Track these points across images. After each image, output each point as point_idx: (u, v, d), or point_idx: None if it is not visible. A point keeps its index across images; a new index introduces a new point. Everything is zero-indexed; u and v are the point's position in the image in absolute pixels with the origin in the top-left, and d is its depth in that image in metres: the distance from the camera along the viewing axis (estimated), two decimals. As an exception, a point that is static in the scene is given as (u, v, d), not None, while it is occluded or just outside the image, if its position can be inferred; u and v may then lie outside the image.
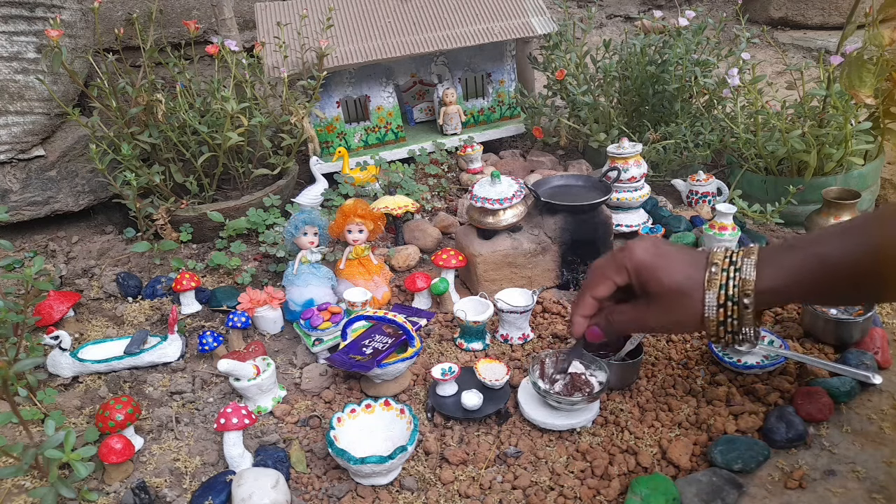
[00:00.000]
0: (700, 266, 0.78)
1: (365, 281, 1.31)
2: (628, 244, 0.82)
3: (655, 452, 0.93)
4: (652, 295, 0.79)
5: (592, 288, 0.84)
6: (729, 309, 0.75)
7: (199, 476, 0.96)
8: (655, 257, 0.79)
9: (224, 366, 1.01)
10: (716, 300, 0.76)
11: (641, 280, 0.80)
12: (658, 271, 0.78)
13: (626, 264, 0.80)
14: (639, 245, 0.81)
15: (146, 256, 1.57)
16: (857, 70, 1.34)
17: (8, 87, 1.58)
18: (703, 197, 1.58)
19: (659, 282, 0.78)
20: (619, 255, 0.82)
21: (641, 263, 0.79)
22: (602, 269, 0.84)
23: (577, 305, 0.86)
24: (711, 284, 0.76)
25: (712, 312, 0.76)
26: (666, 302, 0.79)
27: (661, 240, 0.83)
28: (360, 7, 1.89)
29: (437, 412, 1.03)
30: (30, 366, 0.89)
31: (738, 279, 0.75)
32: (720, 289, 0.75)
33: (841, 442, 0.90)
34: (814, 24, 2.88)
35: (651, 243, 0.81)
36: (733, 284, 0.75)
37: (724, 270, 0.76)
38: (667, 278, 0.78)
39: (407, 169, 1.74)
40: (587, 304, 0.85)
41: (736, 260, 0.76)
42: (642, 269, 0.79)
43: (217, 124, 1.58)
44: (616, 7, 3.24)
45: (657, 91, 1.77)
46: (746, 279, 0.74)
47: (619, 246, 0.85)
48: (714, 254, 0.78)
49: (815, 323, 1.11)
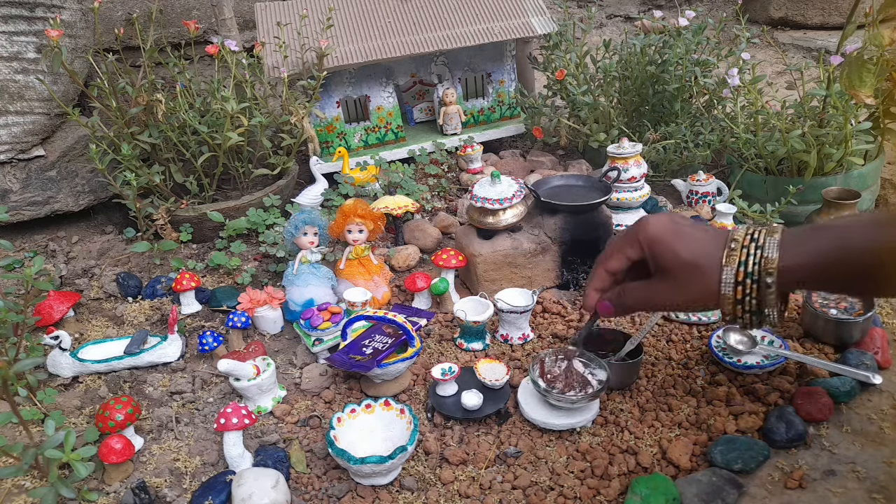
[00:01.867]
0: (719, 242, 0.75)
1: (365, 281, 1.31)
2: (644, 218, 0.80)
3: (655, 452, 0.93)
4: (665, 270, 0.77)
5: (605, 261, 0.83)
6: (747, 287, 0.73)
7: (199, 476, 0.96)
8: (670, 232, 0.77)
9: (224, 366, 1.01)
10: (733, 277, 0.73)
11: (655, 254, 0.78)
12: (673, 245, 0.76)
13: (640, 237, 0.78)
14: (654, 219, 0.79)
15: (146, 256, 1.57)
16: (857, 70, 1.34)
17: (8, 87, 1.58)
18: (703, 197, 1.58)
19: (674, 255, 0.76)
20: (634, 229, 0.80)
21: (655, 237, 0.77)
22: (616, 244, 0.82)
23: (591, 279, 0.85)
24: (730, 260, 0.74)
25: (729, 290, 0.74)
26: (680, 277, 0.76)
27: (678, 215, 0.81)
28: (360, 7, 1.89)
29: (437, 412, 1.03)
30: (30, 366, 0.89)
31: (760, 256, 0.72)
32: (739, 265, 0.73)
33: (841, 442, 0.90)
34: (814, 24, 2.88)
35: (668, 218, 0.79)
36: (754, 262, 0.73)
37: (744, 247, 0.74)
38: (682, 252, 0.76)
39: (407, 169, 1.74)
40: (600, 276, 0.84)
41: (758, 237, 0.74)
42: (656, 243, 0.77)
43: (217, 124, 1.58)
44: (616, 7, 3.24)
45: (657, 91, 1.77)
46: (769, 257, 0.72)
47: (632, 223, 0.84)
48: (735, 230, 0.76)
49: (815, 323, 1.11)
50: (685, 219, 0.80)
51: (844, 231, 0.71)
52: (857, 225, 0.71)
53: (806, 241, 0.72)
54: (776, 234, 0.74)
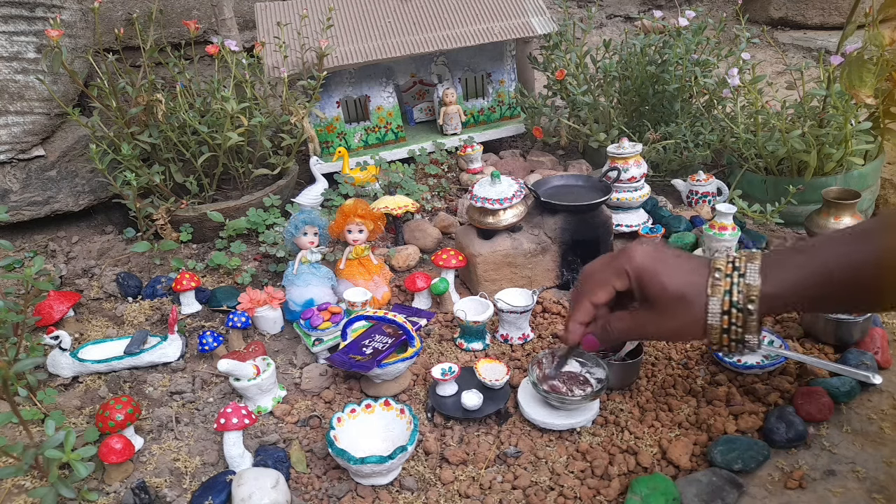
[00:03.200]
0: (702, 272, 0.76)
1: (365, 281, 1.31)
2: (626, 248, 0.80)
3: (655, 452, 0.93)
4: (652, 300, 0.77)
5: (591, 293, 0.81)
6: (733, 316, 0.73)
7: (199, 476, 0.96)
8: (656, 262, 0.77)
9: (224, 366, 1.01)
10: (720, 307, 0.74)
11: (642, 284, 0.77)
12: (659, 276, 0.76)
13: (627, 268, 0.78)
14: (638, 249, 0.79)
15: (146, 256, 1.57)
16: (857, 70, 1.34)
17: (8, 87, 1.58)
18: (703, 197, 1.58)
19: (661, 286, 0.76)
20: (619, 259, 0.79)
21: (642, 267, 0.77)
22: (600, 274, 0.81)
23: (574, 312, 0.83)
24: (715, 290, 0.74)
25: (716, 320, 0.74)
26: (667, 308, 0.76)
27: (660, 243, 0.82)
28: (360, 7, 1.89)
29: (437, 412, 1.03)
30: (30, 366, 0.89)
31: (743, 285, 0.73)
32: (724, 295, 0.73)
33: (841, 442, 0.90)
34: (814, 24, 2.88)
35: (651, 247, 0.79)
36: (738, 290, 0.73)
37: (727, 276, 0.74)
38: (668, 283, 0.76)
39: (407, 169, 1.74)
40: (585, 310, 0.82)
41: (739, 265, 0.74)
42: (643, 273, 0.77)
43: (217, 124, 1.58)
44: (616, 7, 3.24)
45: (657, 91, 1.77)
46: (751, 284, 0.72)
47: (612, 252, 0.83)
48: (716, 260, 0.76)
49: (815, 323, 1.11)
50: (667, 247, 0.81)
51: (822, 253, 0.71)
52: (835, 242, 0.71)
53: (786, 264, 0.73)
54: (756, 259, 0.74)
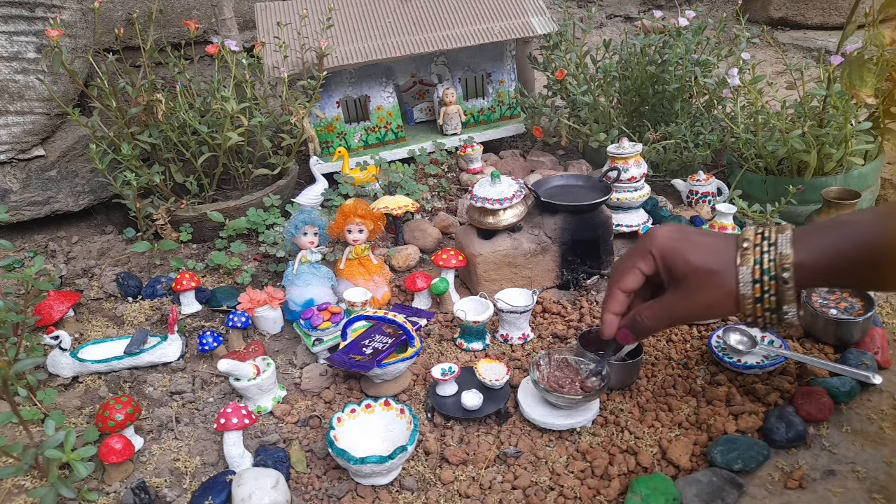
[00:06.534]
0: (729, 244, 0.75)
1: (365, 281, 1.31)
2: (651, 230, 0.80)
3: (655, 452, 0.93)
4: (680, 279, 0.76)
5: (620, 281, 0.81)
6: (765, 284, 0.72)
7: (199, 476, 0.96)
8: (680, 241, 0.77)
9: (224, 366, 1.01)
10: (750, 275, 0.73)
11: (668, 264, 0.77)
12: (684, 253, 0.76)
13: (651, 249, 0.78)
14: (662, 230, 0.79)
15: (146, 256, 1.57)
16: (857, 70, 1.34)
17: (8, 87, 1.58)
18: (703, 197, 1.58)
19: (687, 262, 0.75)
20: (643, 243, 0.79)
21: (667, 247, 0.77)
22: (626, 261, 0.81)
23: (606, 302, 0.83)
24: (744, 260, 0.73)
25: (748, 289, 0.73)
26: (695, 283, 0.75)
27: (684, 225, 0.82)
28: (360, 7, 1.89)
29: (437, 412, 1.03)
30: (30, 366, 0.89)
31: (775, 253, 0.72)
32: (755, 264, 0.73)
33: (841, 442, 0.90)
34: (814, 24, 2.88)
35: (675, 227, 0.79)
36: (769, 258, 0.72)
37: (756, 245, 0.73)
38: (694, 258, 0.75)
39: (407, 169, 1.74)
40: (616, 299, 0.82)
41: (769, 235, 0.74)
42: (668, 253, 0.77)
43: (217, 124, 1.58)
44: (616, 7, 3.24)
45: (657, 91, 1.77)
46: (783, 253, 0.72)
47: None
48: (745, 231, 0.76)
49: (815, 323, 1.11)
50: (691, 227, 0.80)
51: (852, 225, 0.71)
52: (863, 218, 0.72)
53: (816, 236, 0.73)
54: (787, 231, 0.74)
